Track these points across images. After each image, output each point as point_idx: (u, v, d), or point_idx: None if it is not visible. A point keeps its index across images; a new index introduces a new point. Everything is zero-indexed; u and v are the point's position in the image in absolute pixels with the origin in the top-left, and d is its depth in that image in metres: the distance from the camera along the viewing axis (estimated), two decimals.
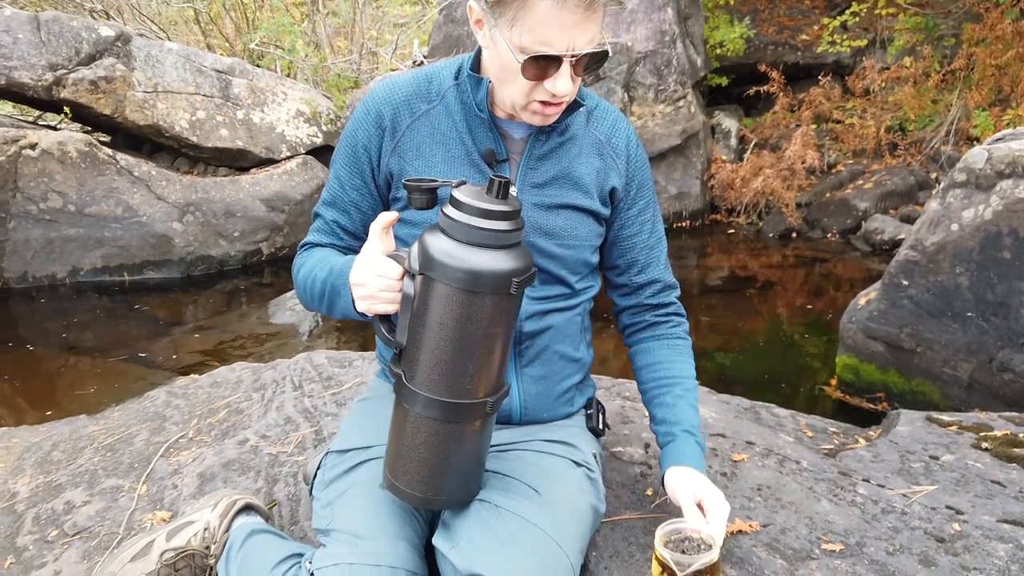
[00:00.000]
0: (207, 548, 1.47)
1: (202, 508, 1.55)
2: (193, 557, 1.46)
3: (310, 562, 1.24)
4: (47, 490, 2.03)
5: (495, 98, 1.35)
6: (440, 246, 1.10)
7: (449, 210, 1.12)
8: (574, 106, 1.36)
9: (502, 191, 1.12)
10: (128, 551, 1.45)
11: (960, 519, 1.54)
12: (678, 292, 1.59)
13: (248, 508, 1.56)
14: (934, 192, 3.29)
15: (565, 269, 1.43)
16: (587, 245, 1.45)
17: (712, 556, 1.19)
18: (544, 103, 1.27)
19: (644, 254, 1.51)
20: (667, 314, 1.56)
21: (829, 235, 6.62)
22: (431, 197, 1.18)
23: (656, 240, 1.53)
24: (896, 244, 5.85)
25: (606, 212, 1.45)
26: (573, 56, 1.20)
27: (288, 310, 4.60)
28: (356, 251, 1.37)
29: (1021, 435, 1.90)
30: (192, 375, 3.06)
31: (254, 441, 2.11)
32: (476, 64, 1.37)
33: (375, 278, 1.17)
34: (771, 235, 6.79)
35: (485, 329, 1.12)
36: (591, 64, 1.24)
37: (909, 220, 6.24)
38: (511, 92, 1.28)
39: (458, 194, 1.12)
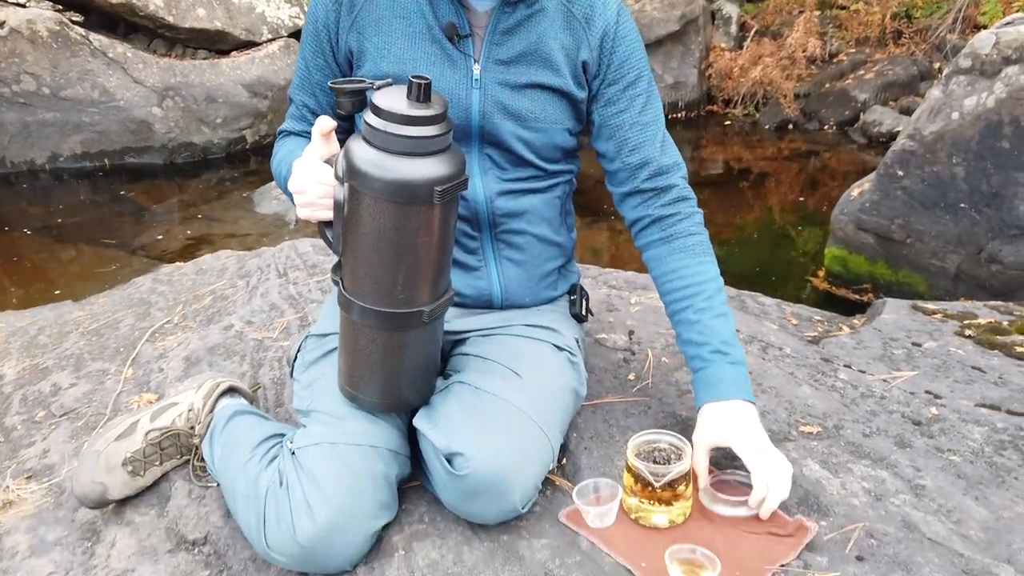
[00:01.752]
0: (191, 428, 1.48)
1: (186, 390, 1.55)
2: (178, 437, 1.47)
3: (291, 442, 1.25)
4: (34, 373, 2.04)
5: None
6: (361, 154, 1.04)
7: (368, 116, 1.05)
8: None
9: (423, 94, 1.03)
10: (113, 431, 1.45)
11: (938, 403, 1.56)
12: (682, 174, 1.42)
13: (232, 390, 1.57)
14: (937, 79, 3.19)
15: (533, 153, 1.35)
16: (558, 128, 1.36)
17: (685, 465, 1.19)
18: None
19: (635, 133, 1.39)
20: (671, 202, 1.40)
21: (826, 127, 6.49)
22: (359, 100, 1.10)
23: (650, 119, 1.39)
24: (893, 136, 5.74)
25: (581, 93, 1.36)
26: None
27: (273, 199, 4.53)
28: None
29: (1005, 323, 1.91)
30: (177, 263, 3.04)
31: (239, 327, 2.11)
32: None
33: (314, 184, 1.13)
34: (767, 127, 6.65)
35: (412, 240, 1.07)
36: None
37: (908, 112, 6.11)
38: None
39: (377, 99, 1.04)
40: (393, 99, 1.04)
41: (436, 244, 1.10)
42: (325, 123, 1.14)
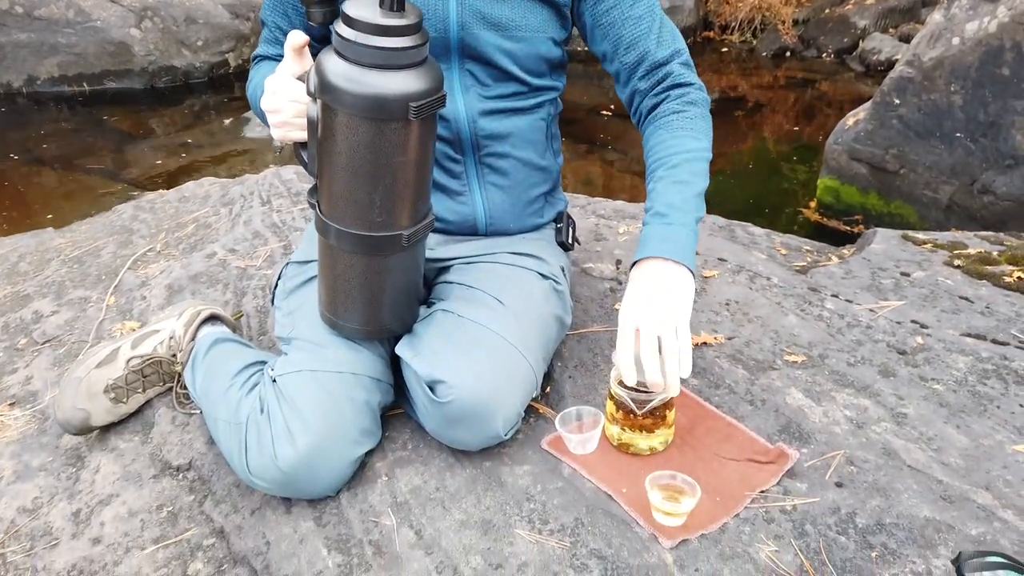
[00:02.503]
0: (173, 356, 1.46)
1: (167, 318, 1.53)
2: (160, 364, 1.46)
3: (272, 369, 1.24)
4: (15, 300, 2.01)
5: None
6: (332, 67, 0.98)
7: (339, 26, 0.98)
8: None
9: (396, 3, 0.97)
10: (94, 358, 1.44)
11: (924, 332, 1.55)
12: (682, 60, 1.33)
13: (213, 318, 1.55)
14: (939, 4, 3.09)
15: (516, 65, 1.29)
16: (541, 36, 1.29)
17: (669, 392, 1.17)
18: None
19: (629, 28, 1.29)
20: (664, 89, 1.32)
21: (824, 55, 6.35)
22: (331, 10, 1.04)
23: (643, 11, 1.30)
24: (891, 65, 5.62)
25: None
26: None
27: (257, 126, 4.43)
28: None
29: (995, 253, 1.90)
30: (159, 190, 2.98)
31: (222, 255, 2.08)
32: None
33: (287, 103, 1.09)
34: (764, 54, 6.51)
35: (387, 159, 1.03)
36: None
37: (907, 39, 5.97)
38: None
39: (347, 7, 0.98)
40: (365, 8, 0.98)
41: (413, 164, 1.06)
42: (297, 37, 1.09)
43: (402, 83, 0.98)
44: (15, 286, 2.12)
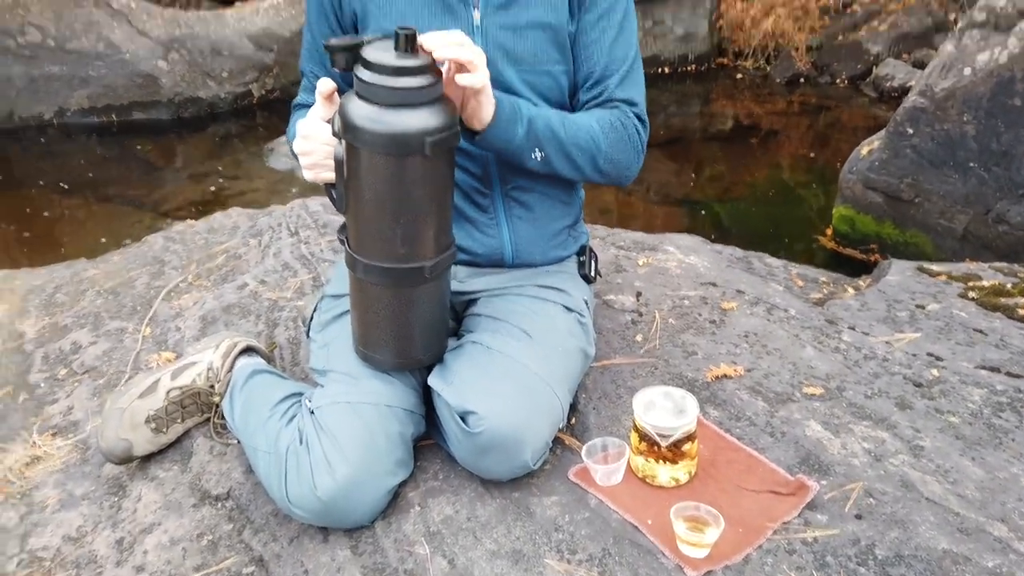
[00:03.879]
0: (211, 387, 1.52)
1: (205, 349, 1.59)
2: (198, 395, 1.52)
3: (310, 400, 1.30)
4: (53, 331, 2.08)
5: None
6: (353, 109, 1.07)
7: (359, 71, 1.08)
8: None
9: (409, 44, 1.06)
10: (136, 388, 1.50)
11: (939, 365, 1.59)
12: (636, 112, 1.40)
13: (249, 350, 1.61)
14: (950, 33, 3.14)
15: (540, 97, 1.36)
16: (560, 69, 1.37)
17: (691, 425, 1.23)
18: None
19: (600, 66, 1.37)
20: (602, 102, 1.38)
21: (838, 81, 6.40)
22: (353, 56, 1.12)
23: (622, 55, 1.37)
24: (906, 91, 5.65)
25: (572, 27, 1.36)
26: None
27: (283, 156, 4.53)
28: None
29: (1009, 285, 1.93)
30: (188, 220, 3.05)
31: (253, 286, 2.14)
32: None
33: (317, 146, 1.17)
34: (778, 80, 6.56)
35: (407, 192, 1.10)
36: None
37: (921, 65, 6.01)
38: None
39: (366, 52, 1.07)
40: (381, 52, 1.07)
41: (432, 197, 1.14)
42: (326, 84, 1.17)
43: (418, 120, 1.06)
44: (53, 317, 2.19)
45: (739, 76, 6.83)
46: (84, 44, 5.23)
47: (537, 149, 1.29)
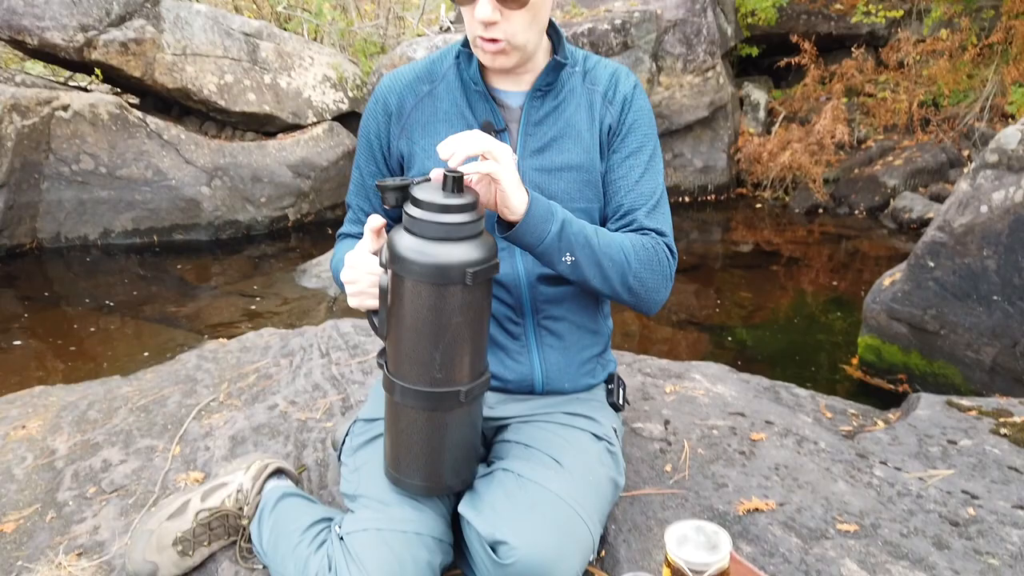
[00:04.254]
0: (240, 509, 1.53)
1: (235, 471, 1.61)
2: (227, 517, 1.52)
3: (339, 527, 1.30)
4: (84, 448, 2.11)
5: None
6: (400, 241, 1.16)
7: (408, 208, 1.18)
8: (557, 64, 1.40)
9: (455, 185, 1.16)
10: (165, 510, 1.51)
11: (975, 504, 1.56)
12: (666, 240, 1.44)
13: (279, 472, 1.62)
14: (964, 172, 3.25)
15: None
16: (594, 207, 1.44)
17: (725, 560, 1.21)
18: (482, 39, 1.32)
19: (629, 199, 1.43)
20: (629, 227, 1.43)
21: (856, 212, 6.54)
22: (402, 195, 1.21)
23: (649, 190, 1.44)
24: (924, 223, 5.78)
25: (603, 166, 1.45)
26: None
27: (314, 276, 4.66)
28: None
29: None
30: (221, 339, 3.13)
31: (283, 406, 2.17)
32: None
33: (363, 275, 1.25)
34: (797, 210, 6.73)
35: (448, 319, 1.17)
36: None
37: (939, 199, 6.15)
38: (468, 32, 1.35)
39: (415, 191, 1.17)
40: (429, 191, 1.16)
41: (471, 324, 1.20)
42: (376, 220, 1.26)
43: (461, 253, 1.15)
44: (84, 434, 2.22)
45: (758, 205, 7.01)
46: (133, 171, 5.55)
47: (568, 253, 1.31)
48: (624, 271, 1.36)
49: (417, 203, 1.16)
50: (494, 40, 1.31)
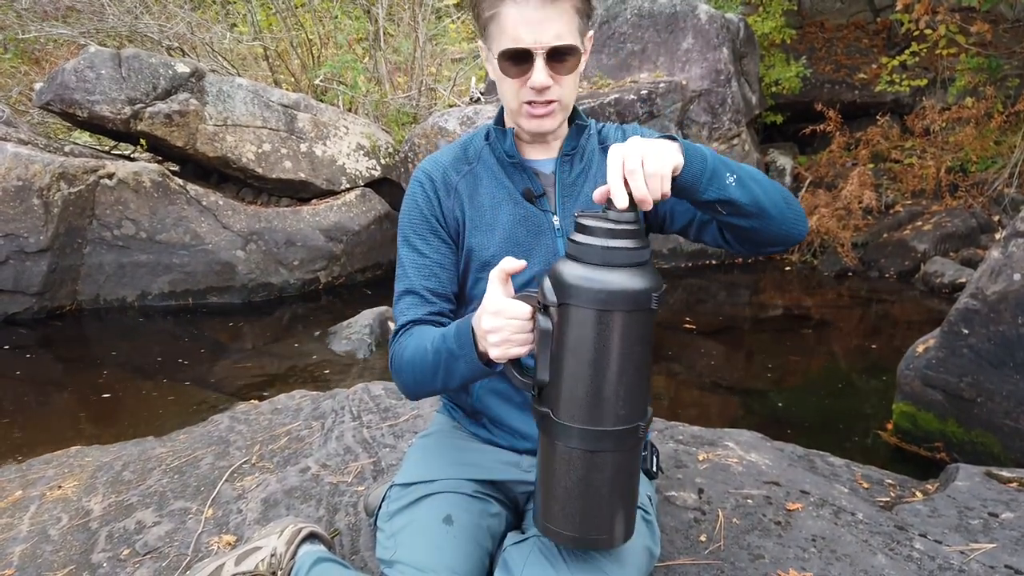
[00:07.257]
0: (274, 574, 1.53)
1: (269, 534, 1.62)
2: None
3: None
4: (119, 509, 2.13)
5: (520, 139, 1.50)
6: (575, 272, 1.11)
7: (577, 236, 1.14)
8: (579, 128, 1.50)
9: (633, 204, 1.13)
10: (200, 574, 1.52)
11: None
12: None
13: (313, 536, 1.63)
14: (996, 238, 3.24)
15: None
16: None
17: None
18: (531, 103, 1.39)
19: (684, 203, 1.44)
20: None
21: (887, 276, 6.50)
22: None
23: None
24: (957, 288, 5.72)
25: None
26: (541, 48, 1.31)
27: (344, 338, 4.72)
28: (450, 313, 1.46)
29: None
30: (253, 400, 3.17)
31: (315, 469, 2.19)
32: (500, 118, 1.53)
33: (508, 321, 1.19)
34: (826, 274, 6.70)
35: (630, 348, 1.12)
36: (562, 59, 1.34)
37: (970, 263, 6.10)
38: (507, 102, 1.42)
39: (582, 219, 1.14)
40: (598, 220, 1.14)
41: (646, 353, 1.15)
42: (514, 263, 1.23)
43: (645, 278, 1.12)
44: (119, 495, 2.25)
45: (787, 268, 7.00)
46: (172, 236, 5.71)
47: (728, 172, 1.28)
48: (773, 185, 1.35)
49: (587, 230, 1.12)
50: (547, 103, 1.38)
